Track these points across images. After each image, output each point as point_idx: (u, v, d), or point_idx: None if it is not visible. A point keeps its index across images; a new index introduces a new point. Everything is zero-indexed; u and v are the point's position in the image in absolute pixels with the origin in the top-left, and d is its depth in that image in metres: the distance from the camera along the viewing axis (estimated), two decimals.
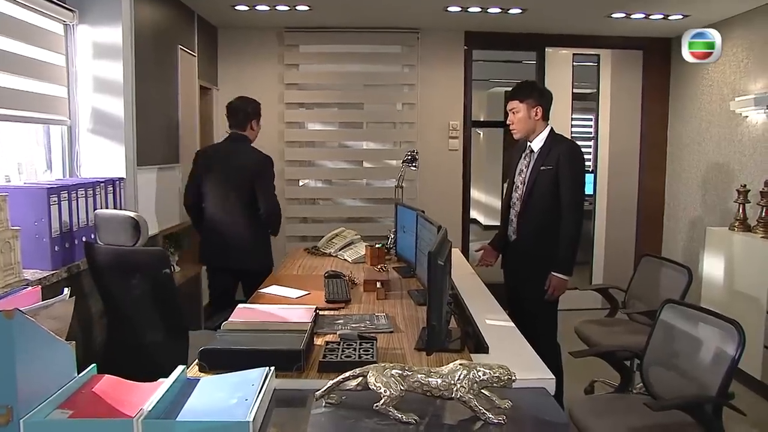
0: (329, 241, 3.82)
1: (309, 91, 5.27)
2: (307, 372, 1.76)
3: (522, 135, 3.01)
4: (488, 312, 2.47)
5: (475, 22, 4.89)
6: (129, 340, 2.64)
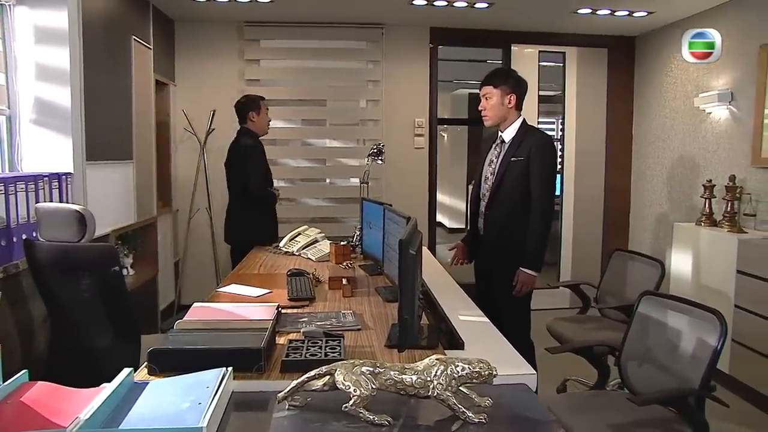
0: (292, 240, 3.66)
1: (270, 87, 5.10)
2: (268, 372, 1.62)
3: (493, 122, 2.91)
4: (461, 308, 2.36)
5: (441, 18, 4.82)
6: (75, 345, 2.42)
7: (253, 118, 3.92)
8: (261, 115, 3.95)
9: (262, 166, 3.87)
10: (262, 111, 3.95)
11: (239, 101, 3.99)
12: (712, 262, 3.73)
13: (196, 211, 4.92)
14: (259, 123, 3.95)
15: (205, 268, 4.94)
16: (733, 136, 4.03)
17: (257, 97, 3.99)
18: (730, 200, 3.78)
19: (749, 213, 3.75)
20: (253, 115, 3.92)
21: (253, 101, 3.94)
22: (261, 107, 3.94)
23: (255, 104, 3.93)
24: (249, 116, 3.92)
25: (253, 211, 3.89)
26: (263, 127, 3.99)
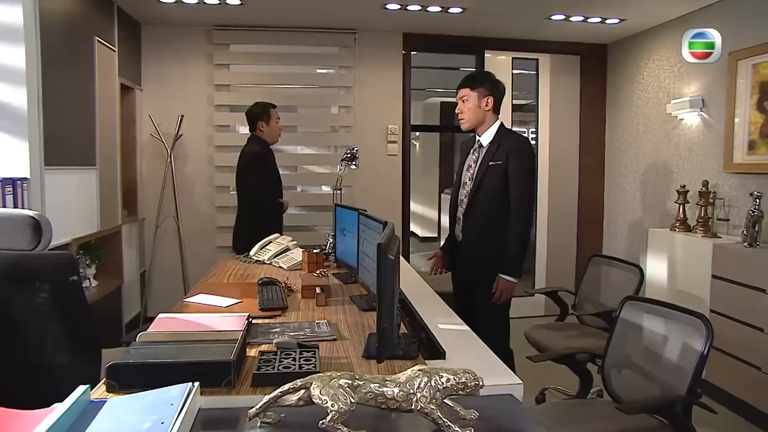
0: (262, 248, 3.54)
1: (240, 93, 4.99)
2: (238, 387, 1.50)
3: (470, 125, 2.85)
4: (440, 316, 2.28)
5: (414, 23, 4.77)
6: (29, 362, 2.26)
7: (262, 127, 3.93)
8: (271, 123, 3.94)
9: (261, 176, 3.84)
10: (272, 120, 3.94)
11: (249, 109, 3.98)
12: (687, 267, 3.73)
13: (163, 220, 4.75)
14: (268, 132, 3.95)
15: (172, 279, 4.77)
16: (705, 142, 4.05)
17: (268, 105, 3.97)
18: (703, 206, 3.79)
19: (723, 218, 3.77)
20: (263, 124, 3.92)
21: (263, 110, 3.93)
22: (271, 116, 3.94)
23: (264, 113, 3.93)
24: (258, 125, 3.92)
25: (256, 220, 3.86)
26: (273, 135, 3.98)
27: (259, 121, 3.92)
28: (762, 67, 3.58)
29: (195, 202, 4.87)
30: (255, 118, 3.94)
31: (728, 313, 3.28)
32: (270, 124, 3.94)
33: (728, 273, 3.32)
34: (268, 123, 3.93)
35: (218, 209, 4.93)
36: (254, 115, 3.94)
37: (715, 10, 3.94)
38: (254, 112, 3.94)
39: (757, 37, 3.59)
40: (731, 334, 3.24)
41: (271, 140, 3.99)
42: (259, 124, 3.92)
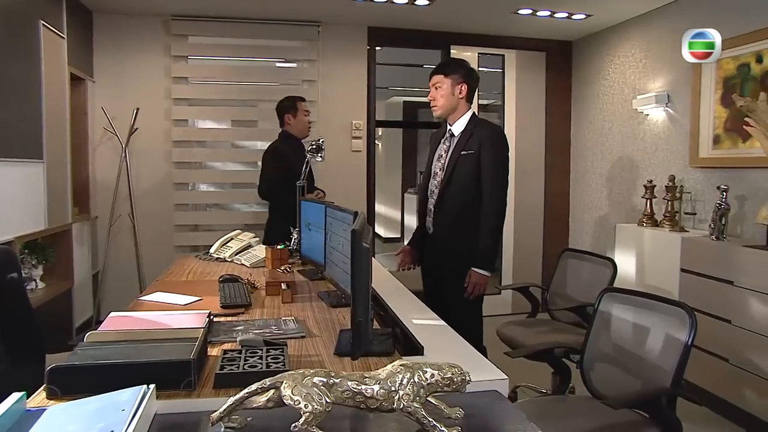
0: (223, 246, 3.38)
1: (199, 86, 4.80)
2: (199, 389, 1.37)
3: (442, 112, 2.75)
4: (414, 312, 2.17)
5: (380, 17, 4.67)
6: None
7: (289, 120, 3.90)
8: (298, 116, 3.90)
9: (276, 171, 3.76)
10: (299, 113, 3.90)
11: (278, 103, 3.98)
12: (655, 261, 3.72)
13: (117, 218, 4.52)
14: (295, 125, 3.91)
15: (127, 281, 4.53)
16: (671, 137, 4.07)
17: (294, 98, 3.95)
18: (670, 200, 3.80)
19: (690, 212, 3.78)
20: (290, 117, 3.90)
21: (291, 103, 3.91)
22: (298, 109, 3.90)
23: (291, 106, 3.90)
24: (285, 119, 3.91)
25: (276, 214, 3.89)
26: (300, 128, 3.93)
27: (286, 114, 3.90)
28: (725, 63, 3.60)
29: (152, 199, 4.65)
30: (282, 111, 3.92)
31: (697, 305, 3.25)
32: (297, 117, 3.89)
33: (696, 266, 3.31)
34: (295, 116, 3.89)
35: (177, 207, 4.72)
36: (281, 108, 3.93)
37: (679, 6, 3.97)
38: (281, 106, 3.93)
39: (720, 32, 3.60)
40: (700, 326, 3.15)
41: (300, 134, 3.93)
42: (286, 117, 3.90)
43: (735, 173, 3.51)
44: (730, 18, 3.55)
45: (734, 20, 3.53)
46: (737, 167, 3.51)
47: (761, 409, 2.91)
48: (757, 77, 3.41)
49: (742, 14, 3.49)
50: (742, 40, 3.47)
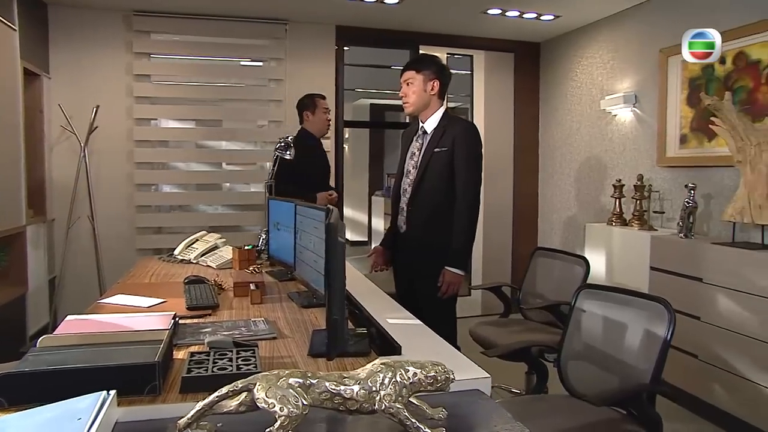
0: (188, 247, 3.26)
1: (162, 84, 4.65)
2: (165, 394, 1.28)
3: (414, 109, 2.70)
4: (388, 311, 2.11)
5: (348, 15, 4.61)
6: None
7: (307, 117, 3.85)
8: (317, 114, 3.85)
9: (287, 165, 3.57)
10: (318, 110, 3.85)
11: (298, 100, 3.95)
12: (625, 259, 3.74)
13: (76, 220, 4.33)
14: (314, 122, 3.86)
15: (87, 285, 4.35)
16: (639, 137, 4.11)
17: (314, 95, 3.90)
18: (638, 199, 3.83)
19: (658, 210, 3.81)
20: (308, 114, 3.85)
21: (309, 100, 3.87)
22: (317, 106, 3.85)
23: (310, 103, 3.86)
24: (304, 116, 3.86)
25: None
26: (319, 127, 3.87)
27: (304, 111, 3.86)
28: (691, 64, 3.65)
29: (112, 201, 4.48)
30: (301, 108, 3.88)
31: None
32: (316, 115, 3.84)
33: (665, 264, 3.34)
34: (313, 113, 3.84)
35: (139, 209, 4.56)
36: (300, 105, 3.90)
37: (647, 8, 4.02)
38: (300, 103, 3.89)
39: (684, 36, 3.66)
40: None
41: (318, 132, 3.87)
42: (304, 114, 3.86)
43: (701, 172, 3.56)
44: (694, 21, 3.60)
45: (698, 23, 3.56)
46: (703, 166, 3.56)
47: (731, 405, 2.94)
48: (720, 78, 3.47)
49: (705, 18, 3.54)
50: None
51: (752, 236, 3.18)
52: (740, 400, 2.89)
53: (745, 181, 3.04)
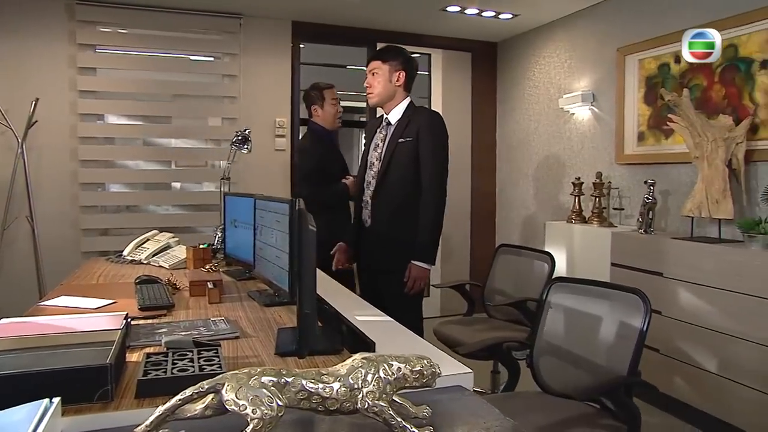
0: (139, 247, 3.08)
1: (109, 78, 4.42)
2: (118, 400, 1.15)
3: (379, 100, 2.62)
4: (356, 308, 2.02)
5: (304, 11, 4.49)
6: None
7: (316, 111, 3.61)
8: (326, 107, 3.60)
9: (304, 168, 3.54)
10: (326, 102, 3.59)
11: (305, 92, 3.74)
12: (586, 256, 3.76)
13: (13, 220, 4.05)
14: (323, 116, 3.61)
15: (26, 290, 4.06)
16: (597, 135, 4.15)
17: (320, 85, 3.65)
18: (597, 196, 3.86)
19: (618, 207, 3.85)
20: (316, 109, 3.61)
21: (317, 92, 3.62)
22: (325, 98, 3.59)
23: (317, 96, 3.61)
24: (312, 110, 3.63)
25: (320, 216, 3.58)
26: (328, 120, 3.61)
27: (312, 106, 3.62)
28: (647, 62, 3.71)
29: (55, 201, 4.21)
30: (308, 102, 3.65)
31: None
32: (325, 108, 3.59)
33: (626, 260, 3.36)
34: (322, 107, 3.59)
35: (83, 209, 4.31)
36: (307, 98, 3.67)
37: (604, 7, 4.06)
38: (307, 96, 3.66)
39: (642, 34, 3.72)
40: None
41: (328, 125, 3.62)
42: (312, 109, 3.62)
43: (658, 169, 3.60)
44: (651, 20, 3.67)
45: (654, 22, 3.64)
46: (660, 163, 3.60)
47: (692, 397, 2.97)
48: (676, 76, 3.53)
49: (661, 17, 3.60)
50: (661, 41, 3.59)
51: (708, 231, 3.23)
52: (702, 392, 2.92)
53: (702, 176, 3.08)
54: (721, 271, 2.82)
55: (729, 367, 2.79)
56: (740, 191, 3.05)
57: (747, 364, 2.70)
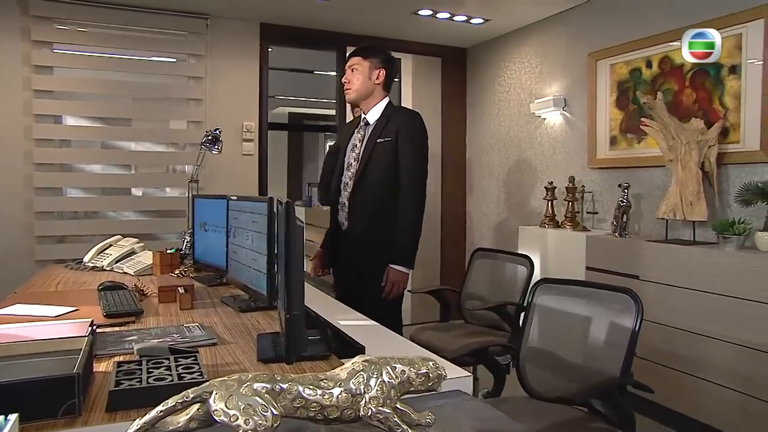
0: (101, 253, 2.92)
1: (67, 77, 4.22)
2: (86, 414, 1.03)
3: (356, 96, 2.55)
4: (338, 313, 1.93)
5: (273, 13, 4.39)
6: None
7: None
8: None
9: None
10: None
11: None
12: (561, 260, 3.74)
13: None
14: None
15: None
16: (569, 139, 4.16)
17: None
18: (570, 201, 3.85)
19: (592, 211, 3.85)
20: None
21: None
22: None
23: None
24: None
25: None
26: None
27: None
28: (619, 67, 3.73)
29: (6, 206, 3.98)
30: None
31: None
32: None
33: (601, 263, 3.35)
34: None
35: (38, 215, 4.08)
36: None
37: (575, 13, 4.08)
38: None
39: (613, 39, 3.75)
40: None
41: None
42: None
43: (631, 173, 3.62)
44: (622, 25, 3.70)
45: (626, 27, 3.67)
46: (633, 167, 3.62)
47: (667, 398, 2.96)
48: (648, 81, 3.56)
49: (632, 22, 3.64)
50: (633, 46, 3.62)
51: (681, 234, 3.25)
52: (679, 394, 2.91)
53: (676, 178, 3.10)
54: (696, 273, 2.83)
55: (705, 368, 2.79)
56: (713, 194, 3.08)
57: (723, 364, 2.71)
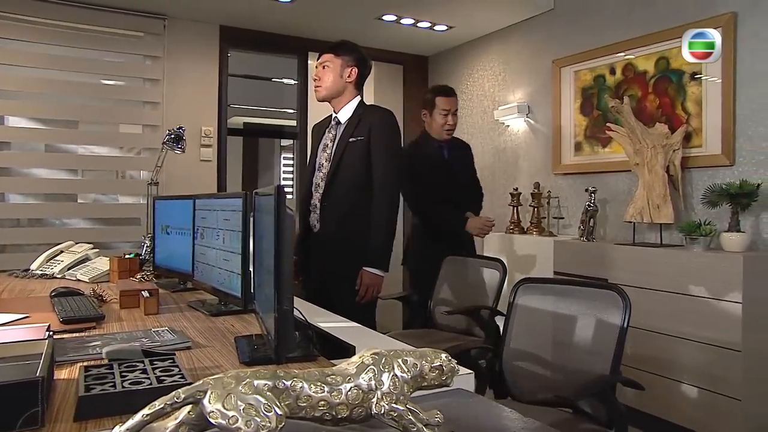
0: (51, 260, 2.72)
1: (11, 75, 3.98)
2: (51, 425, 0.91)
3: (326, 94, 2.46)
4: (318, 316, 1.83)
5: (233, 15, 4.27)
6: None
7: (426, 117, 3.43)
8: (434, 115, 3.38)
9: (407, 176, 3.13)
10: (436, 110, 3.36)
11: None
12: (528, 266, 3.73)
13: None
14: (431, 124, 3.41)
15: None
16: (533, 146, 4.18)
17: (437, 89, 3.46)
18: (536, 206, 3.86)
19: (558, 216, 3.86)
20: (426, 114, 3.42)
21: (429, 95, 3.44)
22: (436, 105, 3.36)
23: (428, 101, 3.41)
24: (422, 115, 3.45)
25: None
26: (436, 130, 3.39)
27: (423, 110, 3.43)
28: (583, 74, 3.78)
29: None
30: (421, 105, 3.47)
31: None
32: (433, 116, 3.37)
33: (570, 267, 3.35)
34: (431, 114, 3.38)
35: None
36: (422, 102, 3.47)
37: (539, 21, 4.12)
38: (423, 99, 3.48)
39: (577, 46, 3.79)
40: None
41: (437, 136, 3.39)
42: (422, 114, 3.44)
43: (596, 178, 3.65)
44: (586, 33, 3.75)
45: (589, 35, 3.72)
46: (598, 172, 3.66)
47: (636, 400, 2.96)
48: (611, 87, 3.61)
49: (595, 31, 3.69)
50: (597, 53, 3.67)
51: (647, 237, 3.29)
52: (649, 395, 2.91)
53: (643, 182, 3.13)
54: (665, 274, 2.85)
55: (675, 368, 2.80)
56: (678, 197, 3.12)
57: (692, 364, 2.73)
